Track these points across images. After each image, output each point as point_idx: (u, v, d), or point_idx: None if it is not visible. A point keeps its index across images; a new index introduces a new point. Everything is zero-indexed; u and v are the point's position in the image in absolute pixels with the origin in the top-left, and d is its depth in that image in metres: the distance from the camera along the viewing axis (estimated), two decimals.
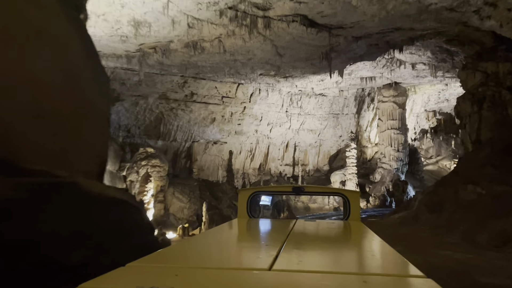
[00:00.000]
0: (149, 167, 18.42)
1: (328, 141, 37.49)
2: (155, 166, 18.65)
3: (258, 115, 31.54)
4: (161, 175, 18.77)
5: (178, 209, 18.93)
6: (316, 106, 34.25)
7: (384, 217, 20.88)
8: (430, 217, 16.39)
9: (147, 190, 15.74)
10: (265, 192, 4.93)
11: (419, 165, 35.29)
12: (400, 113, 32.69)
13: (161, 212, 18.46)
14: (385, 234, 14.58)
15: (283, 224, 2.76)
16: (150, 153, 19.38)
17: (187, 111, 27.59)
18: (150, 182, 16.05)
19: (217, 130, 30.11)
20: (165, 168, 19.42)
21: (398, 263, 1.47)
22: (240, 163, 32.94)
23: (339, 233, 2.45)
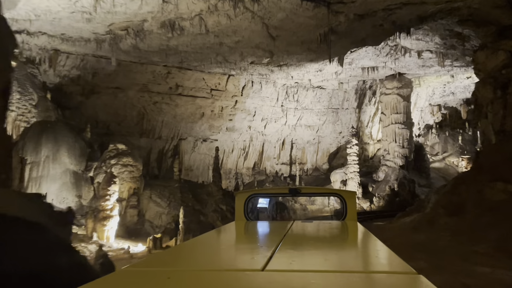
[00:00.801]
0: (119, 167, 15.96)
1: (327, 137, 35.04)
2: (126, 165, 16.18)
3: (251, 110, 29.07)
4: (133, 176, 16.31)
5: (155, 215, 16.47)
6: (314, 100, 31.79)
7: (393, 221, 18.46)
8: (450, 221, 13.95)
9: (110, 193, 13.27)
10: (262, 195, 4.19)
11: (425, 162, 32.88)
12: (405, 106, 30.27)
13: (134, 219, 15.99)
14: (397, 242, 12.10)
15: (280, 225, 2.72)
16: (121, 150, 16.89)
17: (172, 106, 25.11)
18: (114, 184, 13.61)
19: (206, 126, 27.64)
20: (138, 168, 16.93)
21: (390, 260, 1.47)
22: (232, 162, 30.47)
23: (335, 233, 2.46)
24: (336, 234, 2.42)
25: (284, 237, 1.95)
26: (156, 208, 16.59)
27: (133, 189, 16.53)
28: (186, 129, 26.88)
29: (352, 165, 29.36)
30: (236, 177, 30.61)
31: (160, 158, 26.51)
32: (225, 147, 29.63)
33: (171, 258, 1.58)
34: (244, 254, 1.74)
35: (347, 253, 1.76)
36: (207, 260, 1.59)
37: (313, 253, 1.68)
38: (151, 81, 23.03)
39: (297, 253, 1.63)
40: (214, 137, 28.57)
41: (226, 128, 28.65)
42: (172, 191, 17.44)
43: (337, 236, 2.38)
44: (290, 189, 3.03)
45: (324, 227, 2.75)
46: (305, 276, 1.19)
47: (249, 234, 2.49)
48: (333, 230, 2.54)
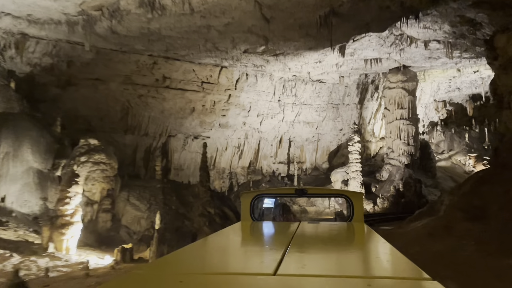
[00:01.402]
0: (90, 165, 14.00)
1: (327, 135, 33.12)
2: (98, 163, 14.20)
3: (246, 105, 27.13)
4: (107, 175, 14.34)
5: (132, 220, 14.51)
6: (313, 95, 29.86)
7: (402, 225, 16.54)
8: (471, 227, 11.99)
9: (71, 196, 11.27)
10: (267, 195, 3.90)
11: (431, 161, 30.98)
12: (410, 101, 28.36)
13: (107, 224, 14.00)
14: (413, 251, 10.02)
15: (286, 226, 2.74)
16: (93, 146, 14.91)
17: (159, 99, 23.16)
18: (77, 185, 11.62)
19: (197, 122, 25.70)
20: (113, 166, 14.95)
21: (402, 265, 1.44)
22: (226, 161, 28.52)
23: (343, 235, 2.44)
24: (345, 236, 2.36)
25: (292, 239, 1.92)
26: (134, 212, 14.62)
27: (107, 190, 14.54)
28: (175, 125, 24.93)
29: (354, 164, 27.43)
30: (230, 177, 28.67)
31: (147, 156, 24.56)
32: (218, 144, 27.69)
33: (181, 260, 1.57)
34: (254, 257, 1.70)
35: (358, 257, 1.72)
36: (218, 263, 1.61)
37: (324, 257, 1.66)
38: (135, 72, 21.08)
39: (308, 257, 1.62)
40: (206, 134, 26.62)
41: (219, 124, 26.71)
42: (153, 192, 15.46)
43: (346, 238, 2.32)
44: (297, 189, 3.03)
45: (331, 228, 2.73)
46: (319, 281, 1.18)
47: (257, 235, 2.49)
48: (341, 232, 2.49)
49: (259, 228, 2.70)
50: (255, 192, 3.10)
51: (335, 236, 2.35)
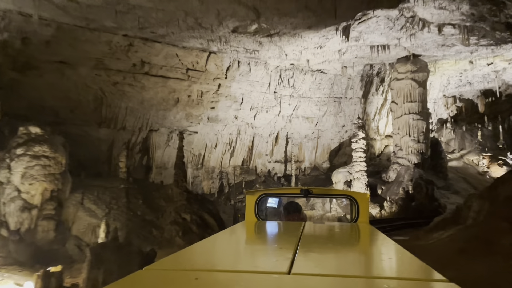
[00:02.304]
0: (27, 159, 11.16)
1: (328, 132, 30.30)
2: (38, 156, 11.29)
3: (238, 97, 24.32)
4: (50, 172, 11.48)
5: (86, 229, 11.62)
6: (313, 86, 27.04)
7: (420, 236, 13.72)
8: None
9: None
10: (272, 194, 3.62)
11: (443, 160, 28.16)
12: (420, 94, 25.57)
13: (48, 235, 11.09)
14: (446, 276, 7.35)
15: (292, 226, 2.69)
16: (34, 136, 12.06)
17: (137, 88, 20.34)
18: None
19: (182, 115, 22.87)
20: (59, 161, 12.09)
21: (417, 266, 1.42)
22: (216, 159, 25.69)
23: (351, 235, 2.45)
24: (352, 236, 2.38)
25: (301, 238, 1.92)
26: (88, 219, 11.70)
27: (50, 191, 11.68)
28: (158, 118, 22.10)
29: (358, 163, 24.61)
30: (221, 177, 25.85)
31: (125, 153, 21.70)
32: (207, 141, 24.86)
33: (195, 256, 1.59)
34: (266, 255, 1.71)
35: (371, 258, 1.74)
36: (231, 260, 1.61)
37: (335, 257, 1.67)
38: (108, 55, 18.26)
39: (319, 256, 1.64)
40: (193, 128, 23.79)
41: (207, 118, 23.88)
42: (115, 194, 12.59)
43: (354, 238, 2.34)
44: (302, 189, 3.02)
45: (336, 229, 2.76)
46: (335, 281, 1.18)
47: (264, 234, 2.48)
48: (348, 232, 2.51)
49: (265, 227, 2.70)
50: (260, 192, 3.04)
51: (343, 236, 2.38)
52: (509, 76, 34.15)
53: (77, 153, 18.71)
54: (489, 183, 30.54)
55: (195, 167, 24.69)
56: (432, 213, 22.96)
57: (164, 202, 13.37)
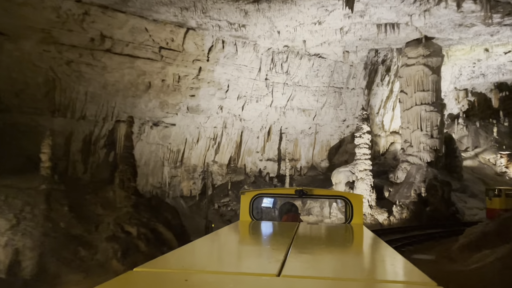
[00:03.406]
0: None
1: (327, 126, 26.90)
2: None
3: (223, 83, 20.88)
4: None
5: None
6: (310, 73, 23.63)
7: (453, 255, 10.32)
8: None
9: None
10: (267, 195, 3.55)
11: (457, 159, 24.77)
12: (434, 81, 22.20)
13: None
14: None
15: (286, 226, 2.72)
16: None
17: (98, 69, 16.89)
18: None
19: (156, 103, 19.42)
20: None
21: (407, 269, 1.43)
22: (198, 156, 22.23)
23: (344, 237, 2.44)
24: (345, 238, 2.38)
25: (293, 239, 1.93)
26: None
27: None
28: (126, 107, 18.63)
29: (363, 161, 21.19)
30: (204, 177, 22.38)
31: (87, 148, 18.26)
32: (187, 134, 21.39)
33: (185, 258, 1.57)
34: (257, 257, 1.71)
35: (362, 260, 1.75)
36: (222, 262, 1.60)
37: (326, 258, 1.67)
38: (57, 25, 14.81)
39: (310, 258, 1.64)
40: (169, 120, 20.33)
41: (187, 107, 20.43)
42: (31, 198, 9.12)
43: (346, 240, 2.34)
44: (297, 190, 3.02)
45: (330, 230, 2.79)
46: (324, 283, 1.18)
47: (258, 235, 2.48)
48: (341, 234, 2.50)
49: (259, 227, 2.69)
50: (255, 192, 3.05)
51: (336, 237, 2.37)
52: None
53: (25, 147, 15.28)
54: (509, 184, 27.24)
55: (173, 165, 21.23)
56: (447, 219, 19.65)
57: (101, 210, 9.90)
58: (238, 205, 21.52)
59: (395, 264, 1.55)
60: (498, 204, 18.33)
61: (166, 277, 1.16)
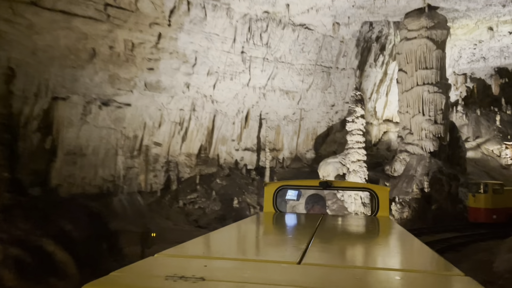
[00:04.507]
0: None
1: (313, 112, 23.57)
2: None
3: (189, 55, 17.30)
4: None
5: None
6: (294, 48, 20.21)
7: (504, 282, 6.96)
8: None
9: None
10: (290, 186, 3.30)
11: (460, 149, 21.71)
12: (439, 58, 19.07)
13: None
14: None
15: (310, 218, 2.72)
16: None
17: (22, 28, 13.13)
18: None
19: (104, 77, 15.73)
20: None
21: (432, 259, 1.41)
22: (160, 144, 18.62)
23: (368, 228, 2.43)
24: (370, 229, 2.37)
25: (316, 230, 1.91)
26: None
27: None
28: (64, 80, 14.90)
29: (356, 150, 17.97)
30: (168, 169, 18.80)
31: (14, 132, 14.45)
32: (147, 117, 17.77)
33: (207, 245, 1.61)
34: (278, 246, 1.69)
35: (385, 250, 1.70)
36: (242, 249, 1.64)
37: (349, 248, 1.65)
38: None
39: (332, 248, 1.62)
40: (123, 99, 16.67)
41: (144, 83, 16.79)
42: None
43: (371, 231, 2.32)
44: (321, 182, 2.99)
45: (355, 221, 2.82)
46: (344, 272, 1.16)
47: (280, 226, 2.47)
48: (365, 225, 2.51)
49: (282, 219, 2.68)
50: (279, 183, 3.05)
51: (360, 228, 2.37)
52: None
53: None
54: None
55: (129, 155, 17.59)
56: (456, 219, 16.64)
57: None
58: (207, 202, 18.05)
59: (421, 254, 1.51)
60: (484, 203, 15.26)
61: (186, 262, 1.19)
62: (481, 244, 11.58)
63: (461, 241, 11.92)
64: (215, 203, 17.68)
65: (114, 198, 16.90)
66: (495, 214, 15.03)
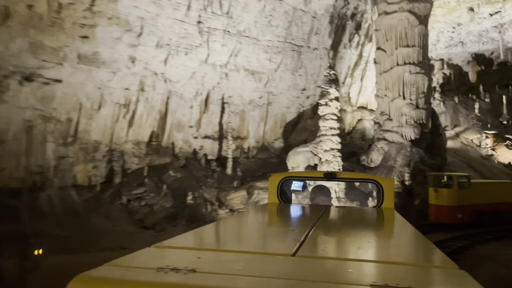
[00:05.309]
0: None
1: (282, 96, 21.20)
2: None
3: (133, 22, 14.47)
4: None
5: None
6: (260, 20, 17.69)
7: None
8: None
9: None
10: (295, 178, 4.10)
11: (441, 138, 19.88)
12: (421, 35, 17.04)
13: None
14: None
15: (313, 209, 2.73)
16: None
17: None
18: None
19: (23, 45, 12.74)
20: None
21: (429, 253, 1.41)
22: (101, 129, 15.78)
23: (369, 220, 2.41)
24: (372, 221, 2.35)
25: (317, 222, 1.91)
26: None
27: None
28: None
29: (329, 137, 15.74)
30: (111, 158, 15.98)
31: None
32: (83, 97, 14.86)
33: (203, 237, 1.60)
34: (276, 237, 1.69)
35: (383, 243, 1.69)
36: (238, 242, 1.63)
37: (347, 240, 1.63)
38: None
39: (330, 240, 1.63)
40: (51, 73, 13.70)
41: (77, 55, 13.87)
42: None
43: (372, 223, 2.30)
44: (325, 173, 2.95)
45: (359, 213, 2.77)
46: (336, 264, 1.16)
47: (282, 217, 2.46)
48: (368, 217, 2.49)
49: (285, 210, 2.65)
50: (283, 175, 2.94)
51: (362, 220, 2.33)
52: (511, 35, 26.77)
53: None
54: (498, 169, 22.99)
55: (62, 142, 14.68)
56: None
57: None
58: (156, 197, 15.36)
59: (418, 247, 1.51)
60: (447, 199, 12.64)
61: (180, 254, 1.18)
62: (479, 249, 9.56)
63: (456, 245, 9.82)
64: (166, 199, 15.04)
65: (41, 194, 14.02)
66: (461, 213, 12.41)
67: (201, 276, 0.93)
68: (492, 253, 8.79)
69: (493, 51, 29.11)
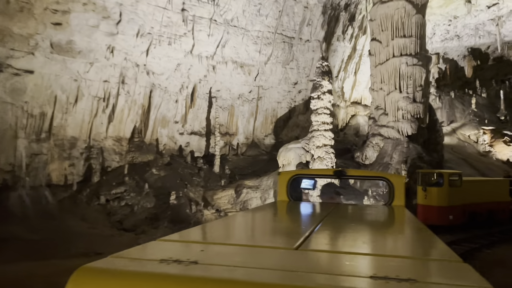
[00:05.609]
0: None
1: (273, 90, 20.27)
2: None
3: (111, 8, 13.44)
4: None
5: None
6: (249, 9, 16.74)
7: None
8: None
9: None
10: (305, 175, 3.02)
11: (438, 134, 19.08)
12: (418, 24, 16.20)
13: None
14: None
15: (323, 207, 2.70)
16: None
17: None
18: None
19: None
20: None
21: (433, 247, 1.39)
22: (78, 125, 14.75)
23: (379, 217, 2.36)
24: (380, 218, 2.33)
25: (325, 218, 1.93)
26: None
27: None
28: None
29: (321, 132, 14.86)
30: (89, 156, 14.95)
31: None
32: (58, 90, 13.82)
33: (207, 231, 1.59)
34: (281, 232, 1.68)
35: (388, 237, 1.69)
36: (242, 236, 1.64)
37: (352, 236, 1.64)
38: None
39: (336, 235, 1.62)
40: (22, 63, 12.65)
41: (50, 44, 12.83)
42: None
43: (380, 220, 2.28)
44: (335, 171, 2.97)
45: (368, 211, 2.76)
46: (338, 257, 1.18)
47: (290, 214, 2.48)
48: (377, 214, 2.49)
49: (294, 207, 2.62)
50: (293, 172, 2.94)
51: (370, 217, 2.33)
52: (509, 28, 26.07)
53: None
54: (496, 166, 22.27)
55: (35, 138, 13.63)
56: None
57: None
58: (137, 197, 14.35)
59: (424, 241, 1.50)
60: (437, 199, 11.51)
61: (184, 247, 1.21)
62: (486, 253, 8.71)
63: (461, 249, 8.97)
64: (148, 199, 14.04)
65: (11, 194, 12.96)
66: (452, 214, 11.29)
67: (202, 268, 0.94)
68: (502, 258, 7.95)
69: (489, 45, 28.41)
